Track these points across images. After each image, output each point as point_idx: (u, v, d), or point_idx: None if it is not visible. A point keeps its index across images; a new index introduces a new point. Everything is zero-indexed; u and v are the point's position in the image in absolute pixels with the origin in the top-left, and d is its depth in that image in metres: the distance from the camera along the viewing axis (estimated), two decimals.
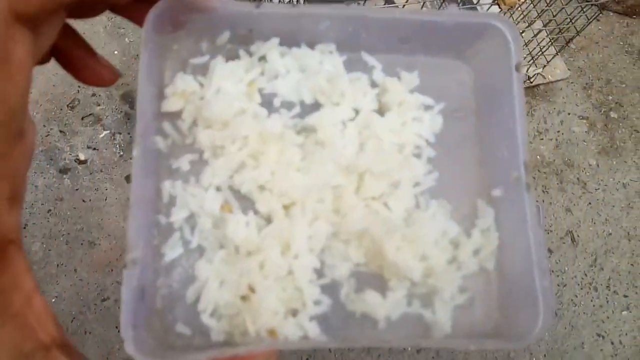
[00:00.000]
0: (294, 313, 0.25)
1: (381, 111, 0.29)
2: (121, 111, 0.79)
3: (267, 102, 0.28)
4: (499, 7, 0.90)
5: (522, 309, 0.25)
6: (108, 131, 0.77)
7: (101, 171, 0.75)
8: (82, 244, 0.71)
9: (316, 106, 0.28)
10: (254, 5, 0.25)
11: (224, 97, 0.26)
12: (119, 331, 0.68)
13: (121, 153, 0.76)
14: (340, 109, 0.28)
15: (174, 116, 0.27)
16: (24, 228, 0.70)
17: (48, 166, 0.73)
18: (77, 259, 0.70)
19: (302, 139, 0.27)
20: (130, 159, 0.76)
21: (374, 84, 0.29)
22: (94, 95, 0.79)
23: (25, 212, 0.71)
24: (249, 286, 0.25)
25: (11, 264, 0.18)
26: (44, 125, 0.76)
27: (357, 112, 0.28)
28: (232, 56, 0.28)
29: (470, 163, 0.29)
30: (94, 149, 0.76)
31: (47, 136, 0.75)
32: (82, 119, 0.77)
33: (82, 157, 0.75)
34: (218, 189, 0.26)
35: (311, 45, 0.28)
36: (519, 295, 0.25)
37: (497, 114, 0.27)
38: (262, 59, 0.28)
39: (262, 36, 0.28)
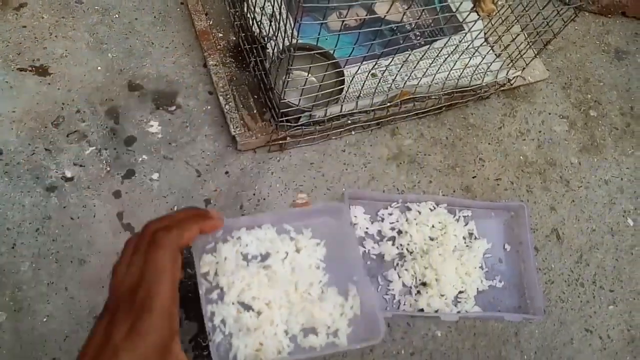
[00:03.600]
0: (279, 352, 0.53)
1: (298, 250, 0.58)
2: (106, 127, 0.79)
3: (245, 256, 0.57)
4: (478, 14, 0.92)
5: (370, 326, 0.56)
6: (94, 147, 0.77)
7: (88, 187, 0.75)
8: (71, 261, 0.70)
9: (267, 256, 0.57)
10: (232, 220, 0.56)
11: (227, 261, 0.54)
12: None
13: (108, 169, 0.76)
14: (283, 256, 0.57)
15: (206, 274, 0.54)
16: (12, 248, 0.69)
17: (34, 185, 0.73)
18: (67, 277, 0.70)
19: (268, 272, 0.55)
20: (118, 174, 0.76)
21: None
22: (78, 112, 0.79)
23: (13, 232, 0.70)
24: (259, 343, 0.52)
25: (174, 348, 0.41)
26: (29, 144, 0.75)
27: (287, 254, 0.58)
28: (224, 240, 0.56)
29: None
30: (81, 165, 0.76)
31: (32, 155, 0.75)
32: (67, 136, 0.77)
33: (68, 174, 0.75)
34: (233, 303, 0.53)
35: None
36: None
37: None
38: (239, 239, 0.56)
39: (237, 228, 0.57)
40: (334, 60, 0.76)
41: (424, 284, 0.75)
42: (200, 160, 0.80)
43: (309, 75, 0.69)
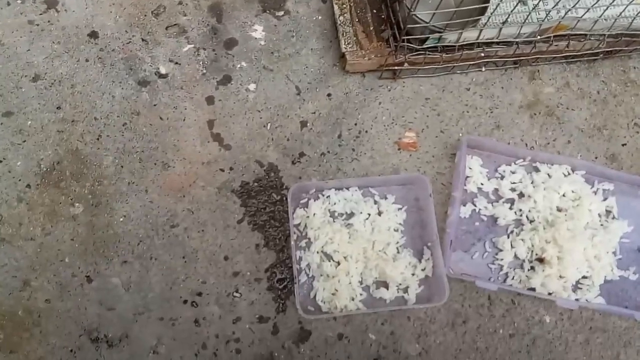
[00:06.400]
0: (353, 298, 0.61)
1: (380, 213, 0.65)
2: (208, 24, 0.71)
3: (332, 213, 0.65)
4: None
5: None
6: (192, 45, 0.70)
7: (182, 88, 0.68)
8: (155, 164, 0.66)
9: (351, 215, 0.66)
10: None
11: (316, 217, 0.64)
12: (185, 261, 0.63)
13: (204, 71, 0.69)
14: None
15: (298, 225, 0.65)
16: (97, 139, 0.66)
17: (127, 76, 0.68)
18: (148, 180, 0.65)
19: (350, 230, 0.63)
20: (213, 78, 0.69)
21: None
22: (180, 3, 0.72)
23: (99, 123, 0.66)
24: (334, 288, 0.61)
25: None
26: (126, 31, 0.69)
27: (369, 215, 0.65)
28: (315, 198, 0.65)
29: None
30: (176, 63, 0.69)
31: (128, 43, 0.69)
32: (167, 28, 0.70)
33: (163, 70, 0.69)
34: (317, 252, 0.62)
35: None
36: None
37: None
38: (328, 197, 0.65)
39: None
40: None
41: (540, 260, 0.63)
42: (302, 76, 0.71)
43: None
